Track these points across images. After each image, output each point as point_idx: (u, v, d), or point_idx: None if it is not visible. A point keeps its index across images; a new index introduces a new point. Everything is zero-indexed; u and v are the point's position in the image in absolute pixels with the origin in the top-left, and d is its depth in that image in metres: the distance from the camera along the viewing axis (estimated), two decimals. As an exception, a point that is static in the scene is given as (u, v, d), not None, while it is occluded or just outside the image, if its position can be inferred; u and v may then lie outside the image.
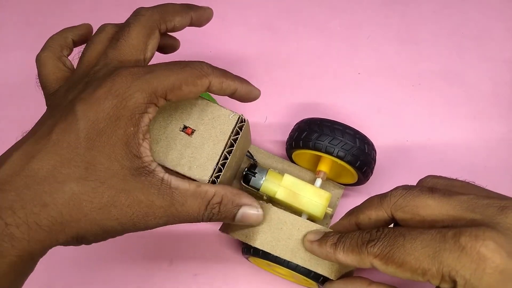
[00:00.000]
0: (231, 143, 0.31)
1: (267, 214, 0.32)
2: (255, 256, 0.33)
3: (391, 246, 0.25)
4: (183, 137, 0.31)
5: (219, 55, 0.45)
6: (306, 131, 0.35)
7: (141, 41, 0.29)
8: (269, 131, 0.43)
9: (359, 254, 0.26)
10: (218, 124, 0.31)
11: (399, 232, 0.25)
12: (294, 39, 0.46)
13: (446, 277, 0.23)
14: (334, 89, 0.44)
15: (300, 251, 0.31)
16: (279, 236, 0.31)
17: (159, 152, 0.30)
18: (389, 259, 0.25)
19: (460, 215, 0.25)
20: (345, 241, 0.27)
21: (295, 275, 0.33)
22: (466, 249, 0.22)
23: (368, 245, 0.26)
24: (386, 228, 0.26)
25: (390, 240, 0.25)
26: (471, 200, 0.25)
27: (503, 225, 0.23)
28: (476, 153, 0.43)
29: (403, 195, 0.27)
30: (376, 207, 0.29)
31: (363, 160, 0.34)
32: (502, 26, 0.46)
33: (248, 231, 0.32)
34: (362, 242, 0.26)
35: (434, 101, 0.44)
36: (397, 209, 0.27)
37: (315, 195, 0.35)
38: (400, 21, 0.46)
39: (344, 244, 0.27)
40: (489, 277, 0.22)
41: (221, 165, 0.31)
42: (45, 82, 0.30)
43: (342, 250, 0.27)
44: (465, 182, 0.28)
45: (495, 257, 0.22)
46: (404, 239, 0.24)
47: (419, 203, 0.26)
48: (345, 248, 0.27)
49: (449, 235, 0.23)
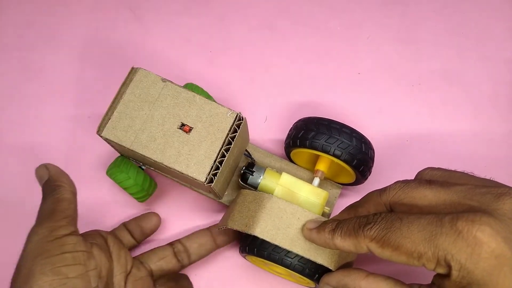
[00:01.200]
0: (228, 140, 0.31)
1: (267, 203, 0.32)
2: (251, 254, 0.33)
3: (387, 229, 0.25)
4: (180, 134, 0.31)
5: (219, 54, 0.45)
6: (303, 129, 0.35)
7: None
8: (269, 131, 0.43)
9: (355, 237, 0.26)
10: (216, 122, 0.31)
11: (396, 216, 0.25)
12: (294, 39, 0.46)
13: (442, 261, 0.23)
14: (334, 89, 0.44)
15: (299, 240, 0.31)
16: (279, 225, 0.31)
17: (156, 150, 0.31)
18: (385, 242, 0.25)
19: (458, 202, 0.25)
20: (343, 227, 0.27)
21: (292, 274, 0.33)
22: (463, 233, 0.23)
23: (364, 228, 0.26)
24: (383, 213, 0.26)
25: (387, 223, 0.25)
26: (469, 189, 0.25)
27: (499, 211, 0.23)
28: (476, 153, 0.42)
29: (402, 187, 0.27)
30: (375, 201, 0.29)
31: (360, 159, 0.34)
32: (502, 26, 0.46)
33: (248, 221, 0.32)
34: (359, 225, 0.26)
35: (434, 101, 0.44)
36: (396, 201, 0.27)
37: (312, 194, 0.35)
38: (400, 21, 0.46)
39: (342, 229, 0.27)
40: (484, 262, 0.22)
41: (218, 163, 0.31)
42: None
43: (339, 236, 0.27)
44: (463, 172, 0.28)
45: (491, 242, 0.22)
46: (401, 223, 0.25)
47: (417, 195, 0.26)
48: (343, 233, 0.27)
49: (446, 220, 0.23)
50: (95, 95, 0.43)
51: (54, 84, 0.44)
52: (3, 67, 0.44)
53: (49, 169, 0.30)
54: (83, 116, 0.42)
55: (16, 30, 0.45)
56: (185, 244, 0.36)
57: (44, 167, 0.31)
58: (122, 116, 0.31)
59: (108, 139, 0.31)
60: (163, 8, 0.46)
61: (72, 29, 0.45)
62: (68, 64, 0.44)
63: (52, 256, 0.27)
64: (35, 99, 0.43)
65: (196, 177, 0.30)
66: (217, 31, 0.46)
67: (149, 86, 0.32)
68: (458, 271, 0.23)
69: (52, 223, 0.28)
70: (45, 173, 0.30)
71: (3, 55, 0.45)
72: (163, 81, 0.32)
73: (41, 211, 0.29)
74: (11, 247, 0.38)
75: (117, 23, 0.46)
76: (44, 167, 0.31)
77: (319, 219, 0.31)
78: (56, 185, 0.30)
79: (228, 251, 0.39)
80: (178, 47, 0.45)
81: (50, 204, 0.29)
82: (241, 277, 0.39)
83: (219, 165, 0.31)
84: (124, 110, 0.31)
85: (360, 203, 0.31)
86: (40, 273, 0.26)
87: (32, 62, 0.44)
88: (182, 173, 0.30)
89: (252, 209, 0.32)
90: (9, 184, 0.41)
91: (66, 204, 0.29)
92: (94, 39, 0.45)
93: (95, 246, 0.30)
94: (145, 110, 0.31)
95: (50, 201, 0.29)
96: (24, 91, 0.43)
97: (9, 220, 0.40)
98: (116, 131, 0.31)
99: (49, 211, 0.28)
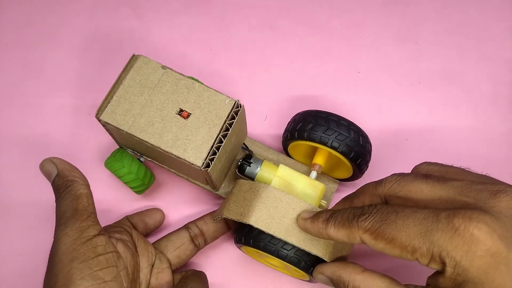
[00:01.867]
0: (226, 127, 0.31)
1: (263, 192, 0.32)
2: (247, 245, 0.33)
3: (382, 222, 0.25)
4: (178, 120, 0.31)
5: (219, 53, 0.46)
6: (302, 122, 0.35)
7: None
8: (268, 128, 0.43)
9: (349, 228, 0.26)
10: (214, 108, 0.32)
11: (392, 208, 0.25)
12: (294, 38, 0.46)
13: (436, 257, 0.23)
14: (334, 88, 0.45)
15: (294, 231, 0.31)
16: (274, 214, 0.31)
17: (154, 134, 0.31)
18: (379, 235, 0.24)
19: (453, 199, 0.25)
20: (337, 216, 0.27)
21: (287, 266, 0.33)
22: (459, 230, 0.22)
23: (359, 219, 0.26)
24: (378, 204, 0.26)
25: (382, 215, 0.25)
26: (465, 185, 0.25)
27: (496, 209, 0.23)
28: (476, 153, 0.42)
29: (398, 180, 0.27)
30: (370, 193, 0.29)
31: (357, 151, 0.34)
32: (502, 26, 0.46)
33: (243, 210, 0.32)
34: (353, 216, 0.26)
35: (434, 101, 0.44)
36: (391, 194, 0.27)
37: (309, 186, 0.35)
38: (400, 20, 0.47)
39: (336, 219, 0.27)
40: (480, 260, 0.22)
41: (216, 148, 0.31)
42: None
43: (333, 225, 0.27)
44: (460, 168, 0.28)
45: (487, 240, 0.22)
46: (396, 216, 0.24)
47: (413, 188, 0.26)
48: (336, 223, 0.27)
49: (443, 216, 0.23)
50: (95, 92, 0.44)
51: (55, 81, 0.44)
52: (4, 65, 0.44)
53: (56, 164, 0.30)
54: (83, 113, 0.43)
55: (16, 28, 0.46)
56: (202, 227, 0.36)
57: (49, 161, 0.30)
58: (121, 100, 0.31)
59: (107, 122, 0.31)
60: (164, 7, 0.47)
61: (72, 28, 0.46)
62: (69, 62, 0.45)
63: (88, 260, 0.27)
64: (35, 96, 0.43)
65: (193, 162, 0.30)
66: (217, 29, 0.46)
67: (149, 73, 0.32)
68: (453, 268, 0.22)
69: (79, 223, 0.27)
70: (53, 168, 0.30)
71: (4, 53, 0.45)
72: (163, 68, 0.32)
73: (62, 210, 0.28)
74: (15, 238, 0.39)
75: (117, 21, 0.46)
76: (49, 162, 0.30)
77: (314, 209, 0.31)
78: (69, 180, 0.29)
79: (224, 243, 0.39)
80: (178, 45, 0.46)
81: (70, 202, 0.28)
82: (237, 269, 0.38)
83: (216, 150, 0.31)
84: (123, 94, 0.31)
85: (356, 195, 0.31)
86: (80, 278, 0.26)
87: (32, 60, 0.45)
88: (179, 157, 0.30)
89: (248, 199, 0.32)
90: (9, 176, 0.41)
91: (85, 201, 0.29)
92: (94, 37, 0.46)
93: (119, 244, 0.30)
94: (145, 96, 0.31)
95: (68, 198, 0.28)
96: (24, 89, 0.44)
97: (11, 212, 0.40)
98: (115, 115, 0.31)
99: (72, 210, 0.28)
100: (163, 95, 0.32)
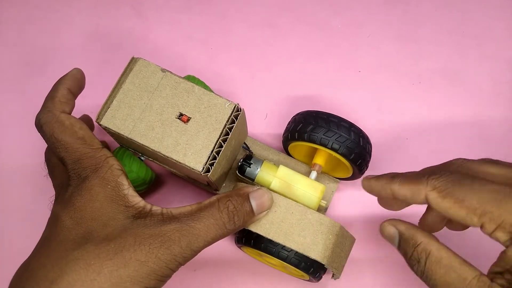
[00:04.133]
0: (226, 131, 0.31)
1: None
2: (247, 245, 0.33)
3: (455, 183, 0.24)
4: (178, 124, 0.31)
5: (220, 52, 0.46)
6: (302, 123, 0.35)
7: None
8: (268, 127, 0.43)
9: (417, 184, 0.25)
10: (214, 112, 0.32)
11: (468, 175, 0.25)
12: (294, 36, 0.46)
13: (506, 226, 0.22)
14: (334, 87, 0.44)
15: (293, 235, 0.31)
16: (273, 219, 0.31)
17: (154, 139, 0.31)
18: (448, 193, 0.24)
19: None
20: (405, 175, 0.27)
21: (287, 266, 0.33)
22: None
23: (430, 176, 0.25)
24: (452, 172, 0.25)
25: (455, 178, 0.24)
26: None
27: None
28: (476, 153, 0.42)
29: (466, 162, 0.27)
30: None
31: (357, 153, 0.35)
32: (503, 25, 0.46)
33: None
34: (423, 174, 0.25)
35: (434, 100, 0.44)
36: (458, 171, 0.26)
37: (309, 187, 0.35)
38: (401, 19, 0.46)
39: (404, 175, 0.27)
40: None
41: (215, 153, 0.31)
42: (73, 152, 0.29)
43: (398, 181, 0.26)
44: None
45: None
46: (472, 181, 0.24)
47: (482, 169, 0.26)
48: (403, 179, 0.26)
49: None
50: (96, 91, 0.43)
51: (56, 79, 0.44)
52: (5, 63, 0.44)
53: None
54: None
55: (18, 26, 0.46)
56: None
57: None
58: (121, 105, 0.31)
59: (107, 127, 0.31)
60: (165, 6, 0.47)
61: (73, 26, 0.46)
62: (69, 60, 0.45)
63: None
64: (36, 94, 0.43)
65: (193, 167, 0.30)
66: (218, 28, 0.46)
67: (149, 76, 0.32)
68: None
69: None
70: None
71: (4, 52, 0.45)
72: (163, 71, 0.32)
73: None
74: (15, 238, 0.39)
75: (118, 20, 0.46)
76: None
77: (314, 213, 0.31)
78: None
79: (224, 243, 0.39)
80: (179, 44, 0.46)
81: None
82: (237, 269, 0.39)
83: (216, 155, 0.31)
84: (123, 99, 0.31)
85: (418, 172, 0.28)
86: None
87: (33, 58, 0.45)
88: (180, 162, 0.30)
89: None
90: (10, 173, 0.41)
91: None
92: (95, 35, 0.46)
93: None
94: (144, 100, 0.31)
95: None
96: (25, 87, 0.44)
97: (12, 212, 0.40)
98: (115, 119, 0.31)
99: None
100: (163, 99, 0.32)
